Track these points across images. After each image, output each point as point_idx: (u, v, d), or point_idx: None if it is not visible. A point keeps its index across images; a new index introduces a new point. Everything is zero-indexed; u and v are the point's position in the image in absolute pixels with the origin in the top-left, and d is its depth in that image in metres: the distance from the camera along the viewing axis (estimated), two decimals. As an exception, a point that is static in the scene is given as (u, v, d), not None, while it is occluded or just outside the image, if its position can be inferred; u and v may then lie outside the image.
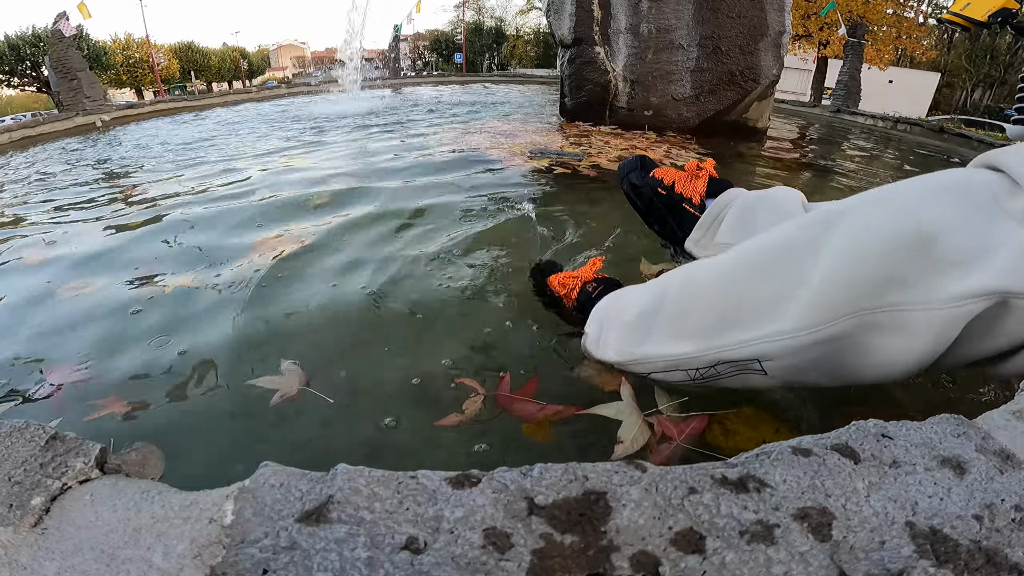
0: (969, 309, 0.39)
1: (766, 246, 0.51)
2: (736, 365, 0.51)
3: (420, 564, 0.26)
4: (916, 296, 0.41)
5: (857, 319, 0.43)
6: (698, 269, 0.56)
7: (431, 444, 0.61)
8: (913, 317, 0.41)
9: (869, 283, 0.42)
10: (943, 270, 0.40)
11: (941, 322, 0.40)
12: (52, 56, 5.60)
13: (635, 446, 0.58)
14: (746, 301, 0.49)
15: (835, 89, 7.84)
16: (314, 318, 0.87)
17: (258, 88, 9.85)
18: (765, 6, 2.64)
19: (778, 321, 0.46)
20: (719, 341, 0.51)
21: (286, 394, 0.68)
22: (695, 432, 0.59)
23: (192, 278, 1.05)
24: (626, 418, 0.61)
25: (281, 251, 1.15)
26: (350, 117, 3.72)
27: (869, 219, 0.45)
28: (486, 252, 1.10)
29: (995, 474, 0.30)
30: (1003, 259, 0.38)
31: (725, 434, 0.59)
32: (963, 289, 0.39)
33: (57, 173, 2.48)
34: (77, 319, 0.92)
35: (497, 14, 28.72)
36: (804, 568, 0.25)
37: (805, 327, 0.45)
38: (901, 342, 0.42)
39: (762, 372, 0.50)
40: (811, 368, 0.47)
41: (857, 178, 2.15)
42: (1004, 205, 0.40)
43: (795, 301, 0.46)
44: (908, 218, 0.42)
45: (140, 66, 21.21)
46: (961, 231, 0.40)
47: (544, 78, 8.95)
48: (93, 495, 0.32)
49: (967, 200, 0.42)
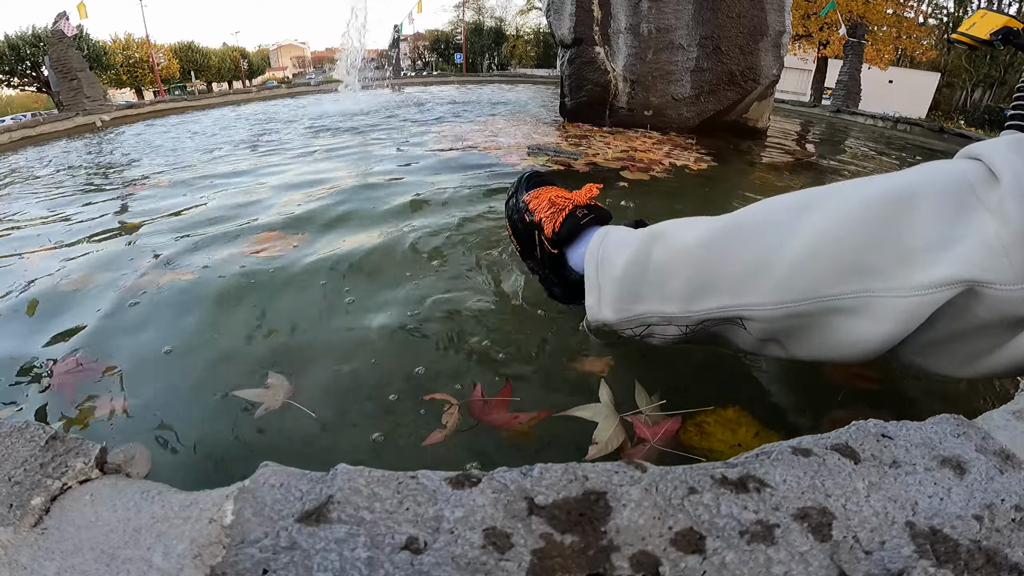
0: (936, 297, 0.40)
1: (743, 221, 0.52)
2: (720, 322, 0.53)
3: (420, 564, 0.26)
4: (883, 283, 0.41)
5: (823, 303, 0.44)
6: (679, 233, 0.56)
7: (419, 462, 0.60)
8: (880, 303, 0.42)
9: (837, 269, 0.43)
10: (912, 258, 0.41)
11: (908, 309, 0.41)
12: (52, 56, 5.60)
13: (610, 447, 0.58)
14: (725, 269, 0.51)
15: (835, 89, 7.84)
16: (300, 323, 0.87)
17: (258, 88, 9.85)
18: (765, 6, 2.64)
19: (753, 293, 0.48)
20: (700, 305, 0.52)
21: (270, 407, 0.67)
22: (669, 433, 0.60)
23: (182, 275, 1.06)
24: (602, 420, 0.62)
25: (272, 250, 1.16)
26: (349, 116, 3.72)
27: (844, 205, 0.45)
28: (473, 253, 1.10)
29: (995, 474, 0.30)
30: (971, 248, 0.39)
31: (700, 436, 0.59)
32: (931, 278, 0.40)
33: (56, 173, 2.48)
34: (77, 312, 0.94)
35: (497, 14, 28.74)
36: (804, 568, 0.25)
37: (774, 302, 0.47)
38: (866, 326, 0.43)
39: (744, 329, 0.51)
40: (784, 338, 0.50)
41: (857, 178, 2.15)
42: (979, 195, 0.40)
43: (768, 276, 0.47)
44: (882, 206, 0.43)
45: (140, 66, 21.22)
46: (933, 220, 0.41)
47: (544, 78, 8.95)
48: (93, 495, 0.32)
49: (943, 190, 0.42)
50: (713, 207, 1.55)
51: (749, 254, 0.49)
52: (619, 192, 1.61)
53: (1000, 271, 0.38)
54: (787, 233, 0.47)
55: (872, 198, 0.44)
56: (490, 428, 0.62)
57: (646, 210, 1.43)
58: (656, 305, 0.56)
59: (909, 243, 0.41)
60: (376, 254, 1.11)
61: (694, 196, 1.66)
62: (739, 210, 0.54)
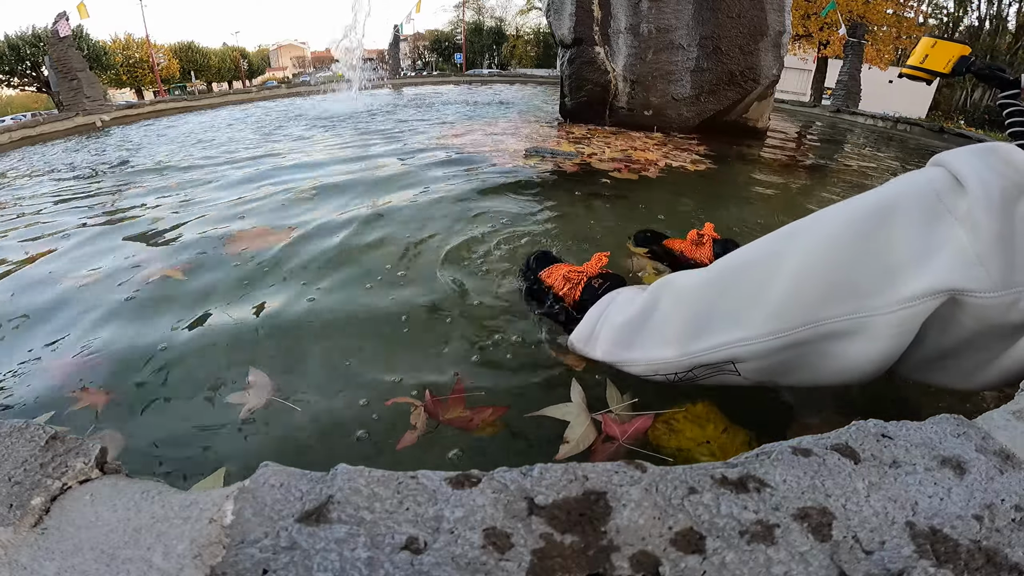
0: (921, 309, 0.41)
1: (740, 257, 0.53)
2: (712, 368, 0.53)
3: (420, 564, 0.26)
4: (871, 302, 0.42)
5: (816, 328, 0.44)
6: (684, 279, 0.58)
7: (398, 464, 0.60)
8: (871, 322, 0.42)
9: (828, 291, 0.44)
10: (895, 272, 0.41)
11: (898, 323, 0.41)
12: (52, 56, 5.60)
13: (581, 447, 0.59)
14: (719, 308, 0.51)
15: (835, 89, 7.83)
16: (282, 322, 0.87)
17: (258, 88, 9.85)
18: (765, 6, 2.64)
19: (745, 328, 0.48)
20: (695, 346, 0.53)
21: (254, 407, 0.67)
22: (639, 431, 0.61)
23: (172, 270, 1.08)
24: (573, 419, 0.63)
25: (261, 246, 1.17)
26: (346, 116, 3.71)
27: (828, 226, 0.46)
28: (456, 256, 1.10)
29: (995, 474, 0.30)
30: (947, 258, 0.40)
31: (669, 433, 0.60)
32: (913, 290, 0.40)
33: (53, 171, 2.48)
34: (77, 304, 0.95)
35: (497, 14, 28.73)
36: (804, 568, 0.25)
37: (767, 333, 0.47)
38: (862, 346, 0.44)
39: (736, 373, 0.52)
40: (781, 370, 0.49)
41: (857, 178, 2.15)
42: (947, 204, 0.41)
43: (759, 309, 0.48)
44: (863, 223, 0.44)
45: (140, 66, 21.21)
46: (909, 232, 0.42)
47: (544, 78, 8.95)
48: (93, 495, 0.32)
49: (915, 202, 0.43)
50: (713, 207, 1.55)
51: (742, 289, 0.50)
52: (611, 190, 1.61)
53: (979, 280, 0.39)
54: (776, 262, 0.48)
55: (854, 216, 0.45)
56: (461, 427, 0.63)
57: (641, 210, 1.43)
58: (648, 352, 0.58)
59: (891, 258, 0.42)
60: (350, 250, 1.13)
61: (693, 196, 1.66)
62: (739, 248, 0.55)
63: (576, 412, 0.64)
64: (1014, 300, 0.38)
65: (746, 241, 0.56)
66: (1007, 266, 0.38)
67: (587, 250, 1.11)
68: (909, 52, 1.54)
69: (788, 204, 1.69)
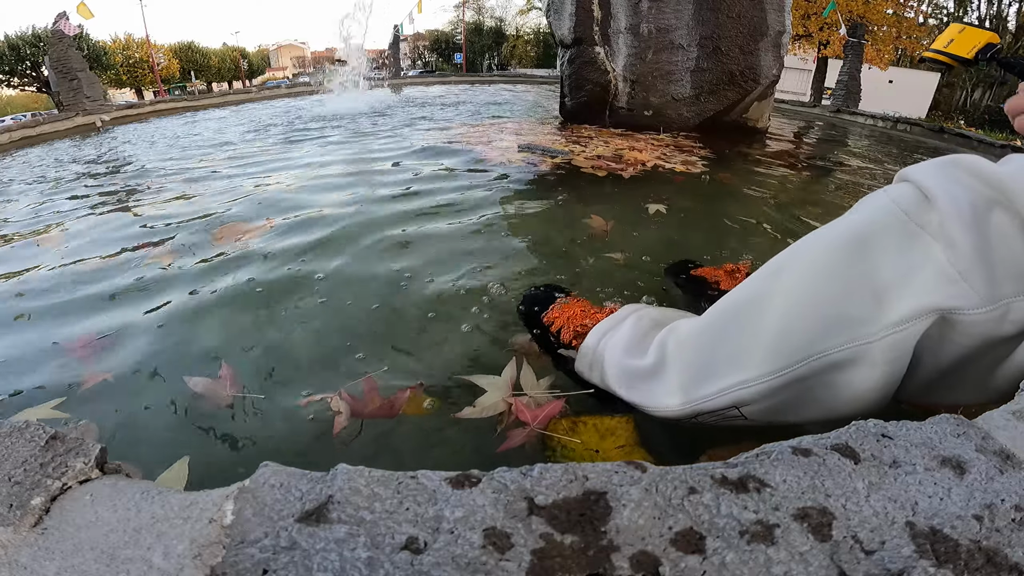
0: (912, 331, 0.40)
1: (731, 300, 0.52)
2: (715, 415, 0.52)
3: (420, 564, 0.26)
4: (864, 329, 0.42)
5: (816, 362, 0.44)
6: (686, 326, 0.57)
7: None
8: (868, 349, 0.42)
9: (821, 323, 0.43)
10: (880, 298, 0.41)
11: (892, 347, 0.41)
12: (52, 56, 5.60)
13: (484, 414, 0.65)
14: (718, 353, 0.51)
15: (835, 89, 7.83)
16: (260, 317, 0.90)
17: (259, 88, 9.86)
18: (765, 6, 2.64)
19: (745, 370, 0.48)
20: (698, 393, 0.52)
21: (221, 402, 0.70)
22: (550, 415, 0.64)
23: (163, 259, 1.13)
24: (491, 391, 0.68)
25: (247, 240, 1.21)
26: (346, 117, 3.71)
27: (811, 257, 0.46)
28: (442, 258, 1.11)
29: (995, 474, 0.30)
30: (929, 277, 0.39)
31: (570, 431, 0.62)
32: (900, 314, 0.40)
33: (53, 172, 2.48)
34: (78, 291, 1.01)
35: (497, 14, 28.73)
36: (804, 568, 0.25)
37: (768, 373, 0.46)
38: (863, 374, 0.43)
39: (743, 418, 0.51)
40: (788, 408, 0.49)
41: (857, 178, 2.15)
42: (917, 220, 0.41)
43: (756, 350, 0.47)
44: (845, 251, 0.43)
45: (140, 66, 21.21)
46: (889, 254, 0.41)
47: (544, 78, 8.94)
48: (93, 495, 0.32)
49: (886, 223, 0.42)
50: (710, 206, 1.55)
51: (737, 332, 0.49)
52: (605, 189, 1.61)
53: (965, 297, 0.38)
54: (767, 301, 0.47)
55: (831, 247, 0.45)
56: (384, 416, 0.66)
57: (632, 211, 1.43)
58: (652, 399, 0.57)
59: (875, 283, 0.41)
60: (333, 243, 1.16)
61: (694, 195, 1.66)
62: (733, 289, 0.54)
63: (499, 386, 0.69)
64: (1003, 313, 0.38)
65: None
66: (990, 280, 0.38)
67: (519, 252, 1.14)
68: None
69: (768, 212, 1.55)
